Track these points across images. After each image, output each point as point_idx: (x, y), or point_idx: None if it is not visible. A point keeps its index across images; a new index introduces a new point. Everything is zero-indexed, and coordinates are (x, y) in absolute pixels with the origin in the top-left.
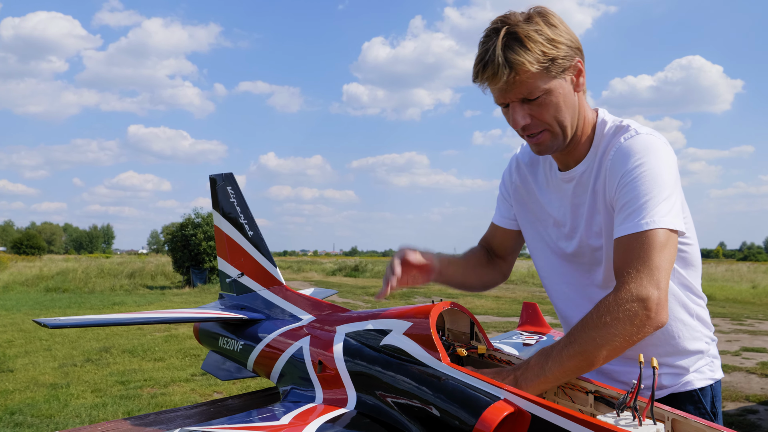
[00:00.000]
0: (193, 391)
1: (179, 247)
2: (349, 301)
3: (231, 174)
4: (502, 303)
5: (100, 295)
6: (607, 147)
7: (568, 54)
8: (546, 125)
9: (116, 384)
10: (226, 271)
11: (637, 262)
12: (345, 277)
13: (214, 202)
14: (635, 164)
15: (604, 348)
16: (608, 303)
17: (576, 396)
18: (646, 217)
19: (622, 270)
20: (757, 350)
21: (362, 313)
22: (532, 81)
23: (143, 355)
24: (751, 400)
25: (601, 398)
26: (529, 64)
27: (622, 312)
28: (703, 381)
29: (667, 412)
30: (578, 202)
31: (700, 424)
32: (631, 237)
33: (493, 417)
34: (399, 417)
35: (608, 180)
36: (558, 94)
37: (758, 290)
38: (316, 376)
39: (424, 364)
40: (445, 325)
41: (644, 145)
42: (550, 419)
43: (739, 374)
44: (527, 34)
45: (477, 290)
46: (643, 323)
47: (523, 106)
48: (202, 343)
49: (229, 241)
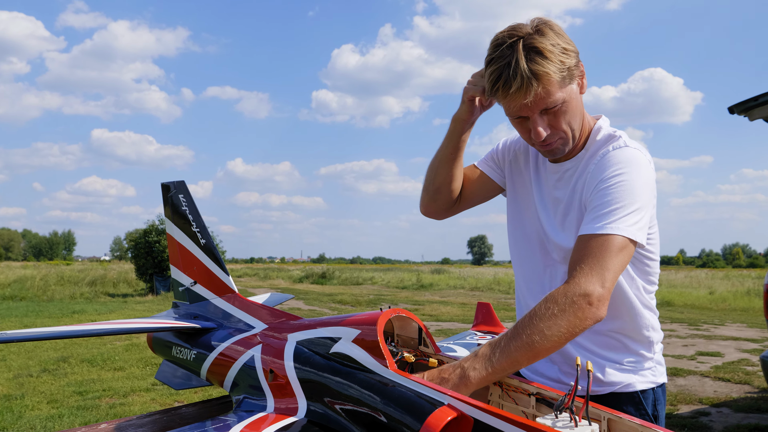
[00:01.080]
0: (153, 400)
1: (143, 254)
2: (315, 308)
3: (183, 182)
4: (467, 310)
5: (59, 303)
6: (596, 152)
7: (576, 61)
8: (562, 132)
9: (74, 395)
10: (179, 279)
11: (592, 259)
12: (312, 284)
13: (166, 210)
14: (616, 173)
15: (551, 339)
16: (557, 295)
17: (519, 398)
18: (612, 222)
19: (575, 265)
20: (711, 354)
21: (313, 321)
22: (554, 91)
23: (102, 365)
24: (704, 403)
25: (543, 400)
26: (553, 74)
27: (569, 304)
28: (646, 384)
29: (602, 412)
30: (558, 196)
31: (634, 423)
32: (593, 236)
33: (436, 422)
34: (348, 425)
35: (588, 182)
36: (572, 101)
37: (715, 296)
38: (268, 385)
39: (371, 371)
40: (394, 331)
41: (629, 158)
42: (492, 423)
43: (694, 378)
44: (545, 46)
45: (433, 190)
46: (586, 316)
47: (542, 117)
48: (156, 353)
49: (182, 249)
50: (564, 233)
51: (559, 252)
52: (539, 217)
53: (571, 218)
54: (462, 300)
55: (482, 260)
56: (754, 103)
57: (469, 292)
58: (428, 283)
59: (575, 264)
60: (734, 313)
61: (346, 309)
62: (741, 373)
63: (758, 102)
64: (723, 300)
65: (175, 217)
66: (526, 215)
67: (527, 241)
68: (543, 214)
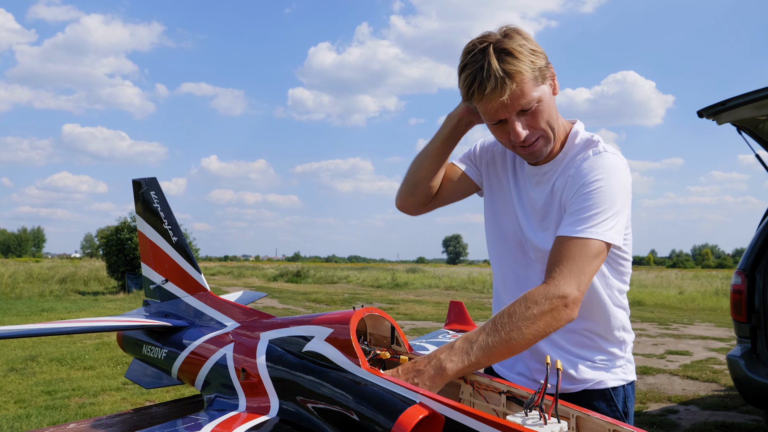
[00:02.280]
0: (124, 400)
1: (114, 251)
2: (290, 307)
3: (155, 179)
4: (442, 309)
5: (27, 301)
6: (575, 156)
7: (546, 63)
8: (541, 132)
9: (42, 394)
10: (150, 277)
11: (570, 262)
12: (287, 282)
13: (137, 207)
14: (596, 178)
15: (528, 336)
16: (536, 295)
17: (490, 396)
18: (592, 227)
19: (554, 266)
20: (680, 353)
21: (286, 320)
22: (528, 91)
23: (72, 364)
24: (672, 401)
25: (513, 398)
26: (525, 72)
27: (548, 305)
28: (617, 381)
29: (571, 410)
30: (536, 198)
31: (601, 421)
32: (572, 239)
33: (408, 420)
34: (320, 423)
35: (569, 185)
36: (546, 100)
37: (684, 296)
38: (240, 384)
39: (344, 370)
40: (367, 330)
41: (609, 163)
42: (463, 421)
43: (663, 376)
44: (514, 47)
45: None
46: (561, 317)
47: (520, 118)
48: (126, 351)
49: (153, 246)
50: (542, 234)
51: (536, 252)
52: (518, 217)
53: (549, 220)
54: (437, 299)
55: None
56: (722, 107)
57: (443, 291)
58: (403, 282)
59: (553, 265)
60: (703, 313)
61: (320, 308)
62: (709, 372)
63: (726, 106)
64: (692, 300)
65: (147, 214)
66: (504, 216)
67: (505, 241)
68: (521, 215)
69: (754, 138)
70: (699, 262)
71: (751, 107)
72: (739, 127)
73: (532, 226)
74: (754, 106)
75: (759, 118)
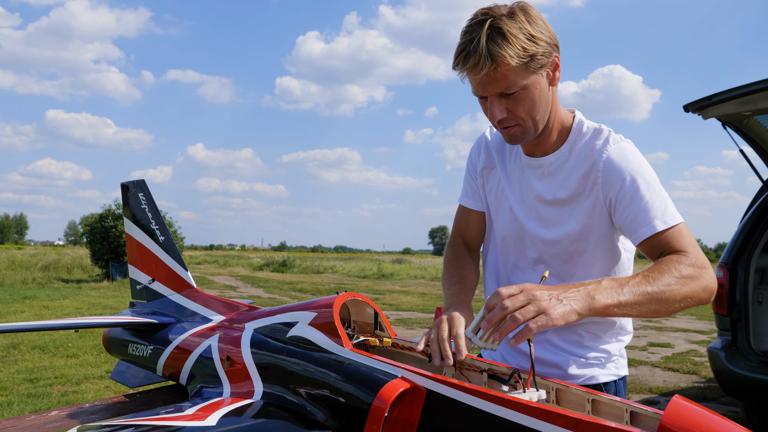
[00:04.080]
0: (108, 388)
1: (98, 239)
2: (275, 296)
3: (143, 181)
4: (427, 299)
5: (9, 289)
6: (586, 146)
7: (546, 50)
8: (519, 120)
9: (24, 382)
10: (136, 278)
11: (687, 243)
12: (272, 272)
13: (125, 210)
14: (639, 170)
15: (678, 295)
16: (681, 261)
17: (472, 375)
18: (672, 215)
19: (677, 248)
20: (662, 345)
21: (271, 310)
22: (512, 76)
23: (55, 352)
24: (654, 392)
25: (494, 375)
26: (510, 58)
27: (694, 271)
28: (609, 377)
29: (550, 383)
30: (541, 191)
31: (580, 391)
32: (672, 229)
33: (389, 393)
34: (303, 402)
35: (606, 181)
36: (534, 90)
37: None
38: (224, 372)
39: (327, 351)
40: (351, 317)
41: (636, 153)
42: (444, 392)
43: (645, 368)
44: (510, 29)
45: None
46: (707, 287)
47: (501, 100)
48: (112, 353)
49: (140, 247)
50: (546, 229)
51: (538, 246)
52: (516, 215)
53: (550, 212)
54: (422, 290)
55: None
56: (708, 102)
57: (429, 282)
58: (389, 273)
59: (678, 248)
60: None
61: (306, 297)
62: (689, 364)
63: (712, 101)
64: None
65: (135, 217)
66: (499, 215)
67: (502, 243)
68: (520, 211)
69: (738, 133)
70: None
71: (737, 102)
72: (724, 122)
73: (532, 220)
74: (739, 102)
75: (744, 113)
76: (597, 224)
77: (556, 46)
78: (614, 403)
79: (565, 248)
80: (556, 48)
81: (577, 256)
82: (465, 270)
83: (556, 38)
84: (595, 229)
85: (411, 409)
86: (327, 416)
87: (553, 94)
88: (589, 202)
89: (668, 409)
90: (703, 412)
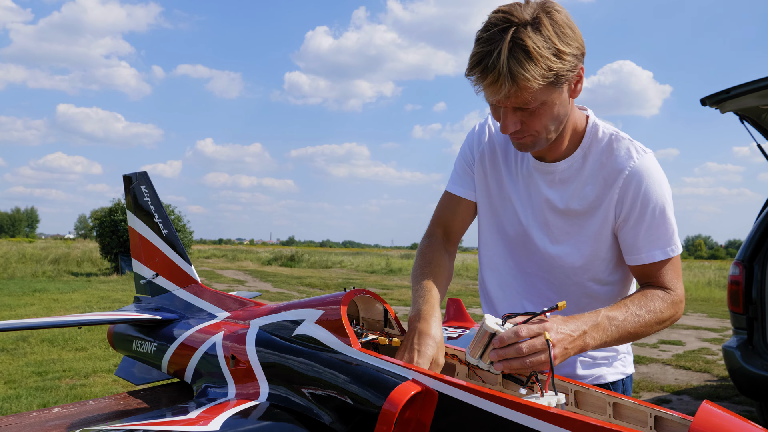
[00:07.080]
0: (115, 381)
1: (108, 232)
2: (284, 291)
3: (145, 173)
4: None
5: (20, 281)
6: (603, 156)
7: (572, 65)
8: (534, 132)
9: (32, 375)
10: (140, 272)
11: (673, 278)
12: (281, 266)
13: (128, 202)
14: (659, 192)
15: (649, 333)
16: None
17: (486, 376)
18: (674, 246)
19: (664, 284)
20: (673, 343)
21: (277, 306)
22: (531, 95)
23: (63, 345)
24: (665, 390)
25: (510, 376)
26: (534, 80)
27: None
28: (616, 375)
29: (570, 385)
30: (552, 197)
31: (600, 394)
32: (668, 262)
33: (400, 396)
34: (310, 405)
35: (623, 195)
36: (553, 105)
37: None
38: (229, 371)
39: (335, 351)
40: (359, 314)
41: (659, 171)
42: (457, 396)
43: (656, 366)
44: (535, 46)
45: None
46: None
47: (515, 113)
48: (117, 349)
49: (143, 241)
50: (552, 244)
51: (543, 256)
52: (520, 219)
53: (559, 222)
54: None
55: None
56: (726, 95)
57: None
58: (397, 268)
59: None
60: (695, 303)
61: (314, 292)
62: (701, 362)
63: (730, 95)
64: (685, 290)
65: (137, 209)
66: (503, 217)
67: (507, 246)
68: (526, 216)
69: (756, 127)
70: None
71: (755, 96)
72: (741, 116)
73: (539, 227)
74: (757, 95)
75: (762, 107)
76: (603, 247)
77: (582, 56)
78: (637, 407)
79: (569, 265)
80: (582, 57)
81: (580, 273)
82: (439, 268)
83: (583, 43)
84: (600, 252)
85: (422, 413)
86: (334, 419)
87: (571, 104)
88: (601, 218)
89: (698, 416)
90: (733, 419)
